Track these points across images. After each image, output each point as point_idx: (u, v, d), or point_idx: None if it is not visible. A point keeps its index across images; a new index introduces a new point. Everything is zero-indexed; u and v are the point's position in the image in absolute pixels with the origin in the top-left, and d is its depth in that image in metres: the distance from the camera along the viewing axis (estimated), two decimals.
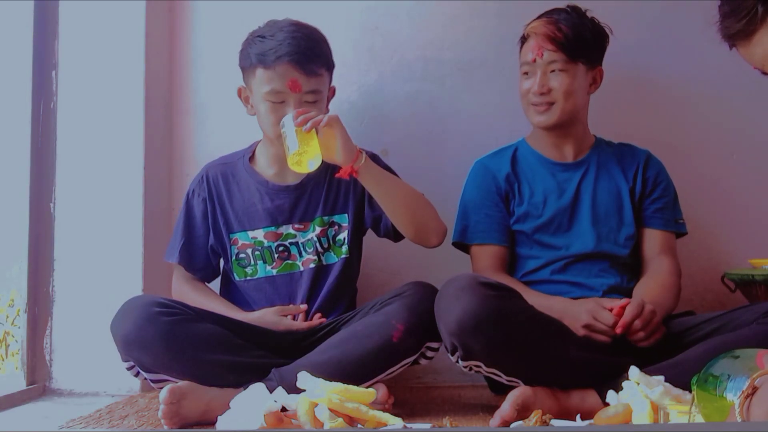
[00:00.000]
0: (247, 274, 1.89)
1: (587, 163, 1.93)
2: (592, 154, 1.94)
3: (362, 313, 1.75)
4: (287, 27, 1.81)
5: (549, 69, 1.83)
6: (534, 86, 1.84)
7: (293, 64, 1.75)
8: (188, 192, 1.94)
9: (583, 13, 1.87)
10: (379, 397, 1.58)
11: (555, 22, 1.83)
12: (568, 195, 1.89)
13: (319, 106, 1.81)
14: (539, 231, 1.88)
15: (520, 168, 1.94)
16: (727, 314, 1.63)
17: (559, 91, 1.83)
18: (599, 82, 1.91)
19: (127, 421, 1.63)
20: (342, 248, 1.89)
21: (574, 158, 1.93)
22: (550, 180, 1.91)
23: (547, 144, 1.93)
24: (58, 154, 2.03)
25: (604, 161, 1.93)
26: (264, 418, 1.31)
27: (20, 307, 1.99)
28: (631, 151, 1.97)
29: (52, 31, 2.05)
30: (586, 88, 1.88)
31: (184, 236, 1.91)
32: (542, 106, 1.85)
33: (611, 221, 1.87)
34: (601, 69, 1.91)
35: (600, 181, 1.91)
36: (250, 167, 1.93)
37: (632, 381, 1.33)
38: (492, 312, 1.50)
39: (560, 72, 1.83)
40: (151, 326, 1.58)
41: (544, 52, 1.83)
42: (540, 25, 1.85)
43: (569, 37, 1.81)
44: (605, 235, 1.86)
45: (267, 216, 1.88)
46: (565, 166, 1.93)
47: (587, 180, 1.91)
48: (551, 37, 1.82)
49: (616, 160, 1.94)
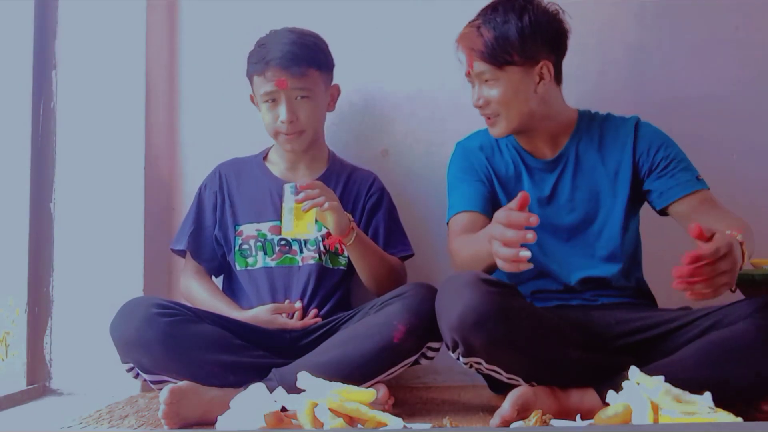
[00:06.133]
0: (248, 264, 1.93)
1: (564, 159, 1.82)
2: (571, 145, 1.83)
3: (362, 313, 1.76)
4: (279, 34, 1.91)
5: (482, 80, 1.74)
6: (473, 100, 1.77)
7: (279, 68, 1.86)
8: (201, 186, 2.02)
9: (511, 7, 1.71)
10: (379, 398, 1.58)
11: (476, 29, 1.72)
12: (543, 197, 1.80)
13: (312, 102, 1.89)
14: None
15: (501, 156, 1.86)
16: (723, 309, 1.61)
17: (497, 102, 1.73)
18: (549, 76, 1.74)
19: (127, 421, 1.63)
20: (340, 260, 1.94)
21: (551, 154, 1.83)
22: (527, 179, 1.82)
23: (523, 138, 1.85)
24: (58, 154, 2.04)
25: (585, 150, 1.81)
26: (264, 418, 1.31)
27: (20, 307, 1.99)
28: (615, 127, 1.83)
29: (52, 31, 2.05)
30: (532, 87, 1.73)
31: (193, 225, 1.97)
32: (489, 119, 1.77)
33: (588, 234, 1.78)
34: (546, 62, 1.73)
35: (578, 178, 1.80)
36: (263, 165, 2.01)
37: (632, 381, 1.33)
38: (493, 308, 1.49)
39: (492, 82, 1.73)
40: (150, 327, 1.59)
41: (473, 63, 1.73)
42: (463, 34, 1.75)
43: (490, 44, 1.70)
44: (581, 254, 1.77)
45: (274, 211, 1.92)
46: (544, 164, 1.83)
47: (564, 179, 1.81)
48: (472, 48, 1.72)
49: (599, 144, 1.81)
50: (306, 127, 1.90)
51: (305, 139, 1.93)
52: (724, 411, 1.20)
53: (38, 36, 2.03)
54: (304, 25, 1.96)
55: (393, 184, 2.08)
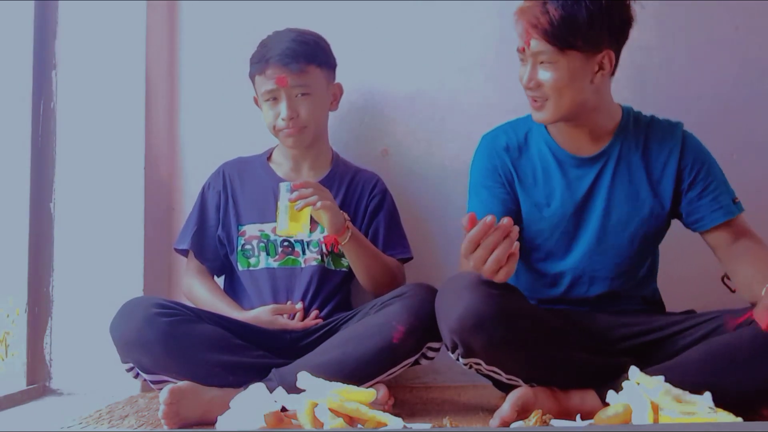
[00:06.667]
0: (251, 264, 1.93)
1: (606, 157, 1.72)
2: (615, 143, 1.72)
3: (362, 313, 1.76)
4: (280, 34, 1.91)
5: (538, 60, 1.61)
6: (523, 79, 1.64)
7: (278, 65, 1.86)
8: (204, 185, 2.02)
9: None
10: (379, 398, 1.58)
11: (542, 4, 1.58)
12: (576, 197, 1.72)
13: (312, 99, 1.90)
14: (532, 248, 1.73)
15: (529, 156, 1.76)
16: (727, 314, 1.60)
17: (550, 87, 1.61)
18: (609, 67, 1.64)
19: (127, 421, 1.63)
20: (343, 261, 1.93)
21: (591, 151, 1.73)
22: (559, 178, 1.73)
23: (561, 131, 1.74)
24: (58, 154, 2.04)
25: (628, 151, 1.71)
26: (264, 418, 1.31)
27: (20, 307, 1.99)
28: (662, 132, 1.74)
29: (52, 31, 2.05)
30: (589, 76, 1.62)
31: (196, 224, 1.97)
32: (536, 102, 1.65)
33: (621, 236, 1.71)
34: (609, 51, 1.63)
35: (618, 180, 1.71)
36: (266, 165, 2.00)
37: (632, 381, 1.33)
38: (493, 311, 1.48)
39: (549, 64, 1.60)
40: (150, 327, 1.59)
41: (530, 41, 1.60)
42: (525, 8, 1.61)
43: (557, 23, 1.56)
44: (609, 256, 1.71)
45: None
46: (581, 161, 1.73)
47: (603, 179, 1.72)
48: (534, 24, 1.58)
49: (643, 147, 1.72)
50: (307, 123, 1.90)
51: (307, 136, 1.92)
52: (724, 411, 1.20)
53: (38, 36, 2.02)
54: (304, 25, 1.96)
55: (393, 184, 2.08)
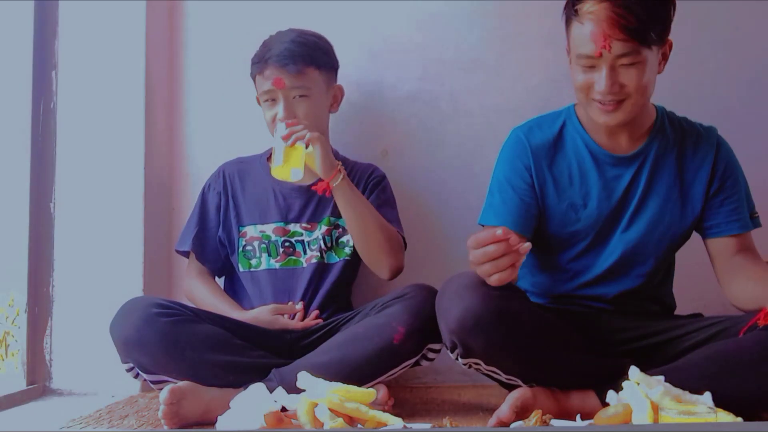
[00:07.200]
0: (252, 265, 1.93)
1: (642, 156, 1.67)
2: (651, 142, 1.67)
3: (362, 314, 1.75)
4: (281, 34, 1.91)
5: (618, 63, 1.52)
6: (601, 85, 1.54)
7: (277, 66, 1.86)
8: (204, 186, 2.02)
9: None
10: (379, 398, 1.58)
11: (620, 4, 1.48)
12: (613, 198, 1.68)
13: (310, 101, 1.88)
14: (564, 249, 1.71)
15: (564, 154, 1.70)
16: (732, 318, 1.59)
17: (633, 87, 1.54)
18: (669, 54, 1.60)
19: (127, 421, 1.63)
20: (344, 249, 1.93)
21: (629, 150, 1.67)
22: (596, 177, 1.68)
23: (599, 128, 1.67)
24: (58, 154, 2.03)
25: (663, 151, 1.67)
26: (264, 418, 1.31)
27: (20, 307, 1.99)
28: (697, 135, 1.70)
29: (52, 31, 2.05)
30: (656, 69, 1.58)
31: (197, 226, 1.97)
32: (611, 105, 1.57)
33: (652, 237, 1.68)
34: (670, 40, 1.59)
35: (654, 180, 1.67)
36: (266, 165, 1.98)
37: (632, 381, 1.33)
38: (493, 312, 1.47)
39: (632, 65, 1.52)
40: (150, 327, 1.59)
41: (611, 44, 1.49)
42: (603, 8, 1.49)
43: (642, 19, 1.48)
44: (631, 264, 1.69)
45: (278, 212, 1.93)
46: (618, 159, 1.67)
47: (639, 179, 1.67)
48: (621, 23, 1.47)
49: (678, 148, 1.67)
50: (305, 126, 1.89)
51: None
52: (724, 411, 1.20)
53: (38, 36, 2.02)
54: (304, 25, 1.96)
55: (393, 184, 2.07)
